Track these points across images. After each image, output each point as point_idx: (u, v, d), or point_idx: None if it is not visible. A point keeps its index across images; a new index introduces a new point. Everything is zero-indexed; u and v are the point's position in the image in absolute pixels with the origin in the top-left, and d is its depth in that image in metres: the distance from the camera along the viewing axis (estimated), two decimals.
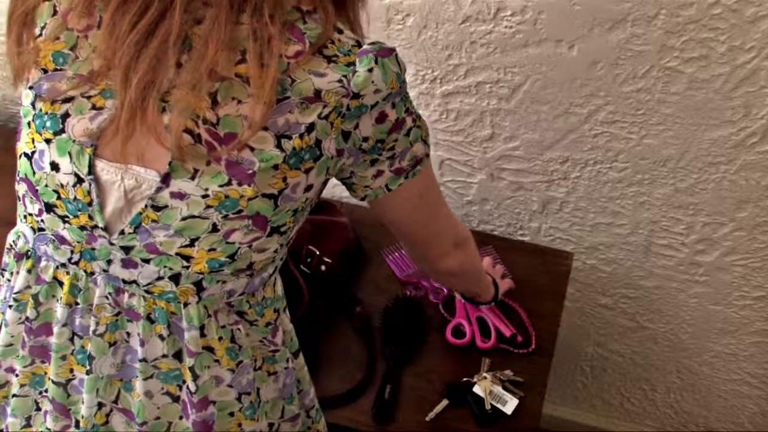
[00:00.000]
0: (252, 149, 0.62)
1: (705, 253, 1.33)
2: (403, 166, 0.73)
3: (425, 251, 0.88)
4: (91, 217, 0.67)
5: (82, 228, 0.68)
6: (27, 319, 0.76)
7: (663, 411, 1.67)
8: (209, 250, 0.66)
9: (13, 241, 0.77)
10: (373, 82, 0.63)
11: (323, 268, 1.18)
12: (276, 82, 0.60)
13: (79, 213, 0.67)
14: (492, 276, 1.15)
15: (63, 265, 0.72)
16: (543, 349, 1.13)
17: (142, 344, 0.72)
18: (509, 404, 1.03)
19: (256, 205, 0.64)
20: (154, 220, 0.65)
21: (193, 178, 0.63)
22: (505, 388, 1.06)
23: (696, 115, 1.14)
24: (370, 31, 0.76)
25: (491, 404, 1.03)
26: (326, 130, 0.64)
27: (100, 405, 0.76)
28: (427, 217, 0.82)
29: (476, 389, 1.05)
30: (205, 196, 0.63)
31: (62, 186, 0.67)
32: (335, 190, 1.52)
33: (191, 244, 0.66)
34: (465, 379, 1.08)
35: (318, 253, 1.18)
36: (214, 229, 0.65)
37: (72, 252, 0.70)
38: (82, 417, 0.76)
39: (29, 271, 0.74)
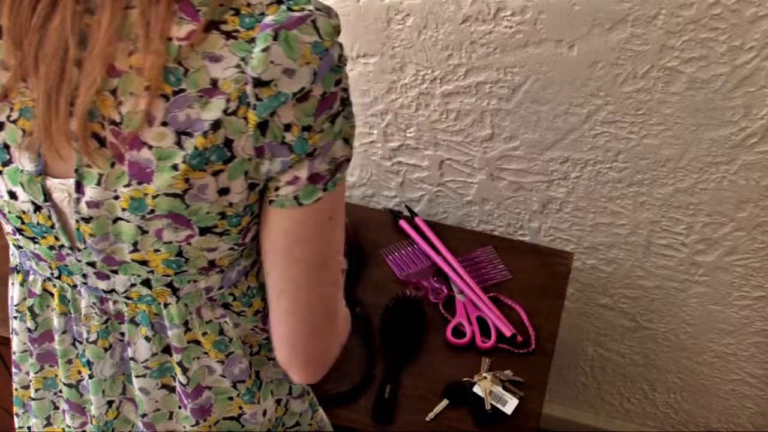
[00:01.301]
0: (150, 147, 0.57)
1: (705, 253, 1.33)
2: (321, 171, 0.60)
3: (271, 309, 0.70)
4: (56, 238, 0.65)
5: (51, 248, 0.67)
6: (29, 329, 0.77)
7: (663, 411, 1.67)
8: (156, 251, 0.63)
9: (11, 254, 0.78)
10: (272, 62, 0.54)
11: None
12: (161, 70, 0.54)
13: (45, 235, 0.66)
14: None
15: (48, 278, 0.72)
16: (543, 349, 1.13)
17: (130, 345, 0.73)
18: (509, 404, 1.03)
19: (164, 204, 0.59)
20: (90, 234, 0.62)
21: (99, 183, 0.59)
22: (505, 388, 1.06)
23: (696, 115, 1.15)
24: (369, 31, 0.75)
25: (491, 404, 1.03)
26: (239, 127, 0.56)
27: (110, 403, 0.77)
28: (319, 263, 0.65)
29: (476, 389, 1.05)
30: (116, 198, 0.59)
31: (24, 212, 0.65)
32: None
33: (136, 248, 0.63)
34: (465, 379, 1.08)
35: None
36: (143, 230, 0.61)
37: (50, 268, 0.70)
38: (94, 417, 0.78)
39: (22, 285, 0.75)
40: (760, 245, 1.28)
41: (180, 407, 0.77)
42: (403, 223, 1.35)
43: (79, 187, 0.60)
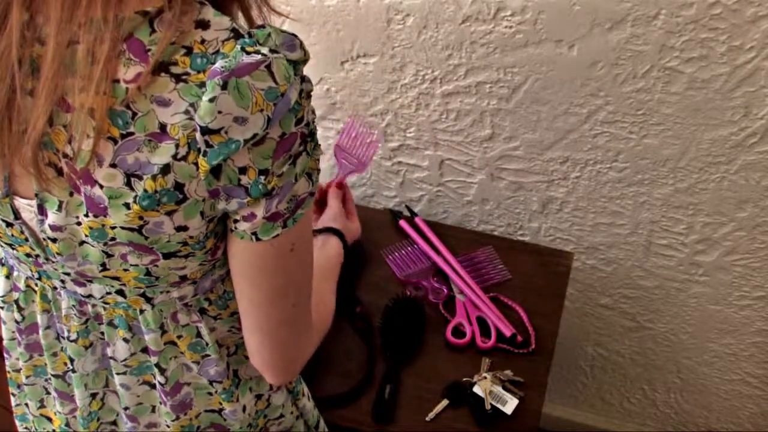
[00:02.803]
0: (101, 186, 0.56)
1: (705, 253, 1.33)
2: (280, 210, 0.58)
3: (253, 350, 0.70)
4: (32, 248, 0.66)
5: (28, 255, 0.67)
6: (16, 320, 0.78)
7: (663, 411, 1.67)
8: (125, 270, 0.62)
9: None
10: (220, 112, 0.51)
11: None
12: (107, 112, 0.52)
13: (21, 245, 0.66)
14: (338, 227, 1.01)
15: (30, 277, 0.73)
16: (543, 349, 1.13)
17: (109, 345, 0.74)
18: (509, 404, 1.03)
19: (123, 234, 0.58)
20: (58, 253, 0.62)
21: (59, 209, 0.58)
22: (505, 388, 1.06)
23: (696, 115, 1.14)
24: (369, 31, 0.75)
25: (491, 404, 1.03)
26: (189, 172, 0.54)
27: (93, 395, 0.79)
28: (281, 294, 0.65)
29: (476, 389, 1.05)
30: (78, 224, 0.59)
31: None
32: None
33: (104, 268, 0.62)
34: (465, 379, 1.08)
35: None
36: (108, 254, 0.60)
37: (31, 270, 0.71)
38: (78, 407, 0.79)
39: (7, 278, 0.76)
40: (760, 245, 1.28)
41: (161, 403, 0.78)
42: (403, 223, 1.35)
43: (41, 210, 0.60)
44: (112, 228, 0.58)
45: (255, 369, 0.78)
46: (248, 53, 0.52)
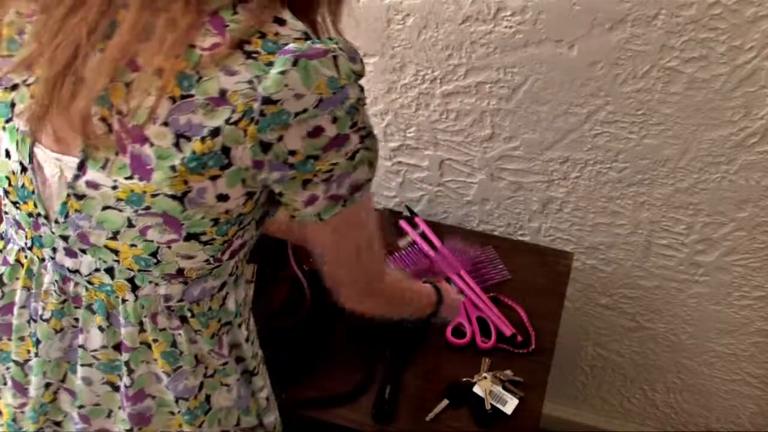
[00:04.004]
0: (151, 144, 0.59)
1: (705, 253, 1.33)
2: (340, 193, 0.64)
3: (333, 285, 0.78)
4: (35, 205, 0.68)
5: (29, 215, 0.69)
6: None
7: (663, 411, 1.67)
8: (131, 246, 0.65)
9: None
10: (287, 86, 0.56)
11: None
12: (176, 74, 0.56)
13: (27, 200, 0.68)
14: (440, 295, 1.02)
15: (22, 249, 0.74)
16: (543, 349, 1.13)
17: (82, 331, 0.73)
18: (509, 404, 1.03)
19: (161, 203, 0.61)
20: (77, 210, 0.64)
21: (104, 167, 0.61)
22: (505, 388, 1.06)
23: (696, 115, 1.14)
24: (369, 31, 0.75)
25: (491, 404, 1.03)
26: (236, 137, 0.58)
27: (47, 385, 0.78)
28: (350, 254, 0.73)
29: (476, 389, 1.05)
30: (114, 188, 0.61)
31: (12, 173, 0.68)
32: None
33: (114, 237, 0.64)
34: (465, 379, 1.08)
35: None
36: (130, 223, 0.63)
37: (26, 237, 0.72)
38: (31, 398, 0.78)
39: (0, 251, 0.77)
40: (760, 245, 1.28)
41: (120, 408, 0.77)
42: (403, 224, 1.35)
43: (81, 166, 0.62)
44: (153, 195, 0.60)
45: (228, 398, 0.79)
46: (317, 44, 0.58)
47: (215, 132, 0.58)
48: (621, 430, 1.74)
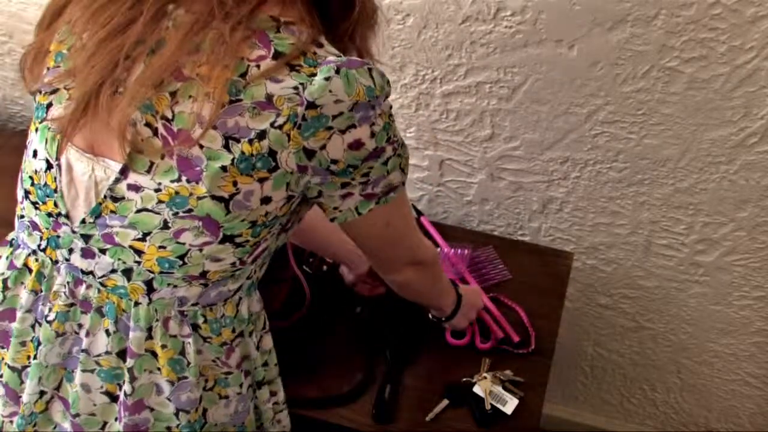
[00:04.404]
0: (201, 147, 0.62)
1: (705, 253, 1.33)
2: (375, 192, 0.70)
3: (378, 265, 0.87)
4: (56, 204, 0.69)
5: (49, 215, 0.70)
6: None
7: (663, 411, 1.67)
8: (159, 247, 0.66)
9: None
10: (330, 91, 0.61)
11: (325, 268, 1.19)
12: (228, 82, 0.60)
13: (47, 199, 0.70)
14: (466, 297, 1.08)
15: (33, 252, 0.74)
16: (543, 349, 1.13)
17: (87, 335, 0.73)
18: (509, 404, 1.03)
19: (206, 206, 0.64)
20: (112, 211, 0.66)
21: (149, 171, 0.64)
22: (505, 388, 1.06)
23: (696, 115, 1.15)
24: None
25: (491, 404, 1.03)
26: (281, 141, 0.62)
27: (41, 393, 0.77)
28: (389, 242, 0.80)
29: (476, 389, 1.05)
30: (157, 191, 0.64)
31: (36, 172, 0.70)
32: None
33: (143, 238, 0.66)
34: (465, 379, 1.08)
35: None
36: (165, 225, 0.65)
37: (41, 238, 0.72)
38: (24, 404, 0.77)
39: (7, 258, 0.78)
40: (760, 245, 1.28)
41: (116, 419, 0.76)
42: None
43: (124, 171, 0.65)
44: (199, 198, 0.63)
45: (225, 414, 0.79)
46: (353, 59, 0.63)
47: (262, 135, 0.61)
48: (621, 430, 1.74)
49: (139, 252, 0.67)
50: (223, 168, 0.62)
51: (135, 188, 0.65)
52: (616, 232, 1.37)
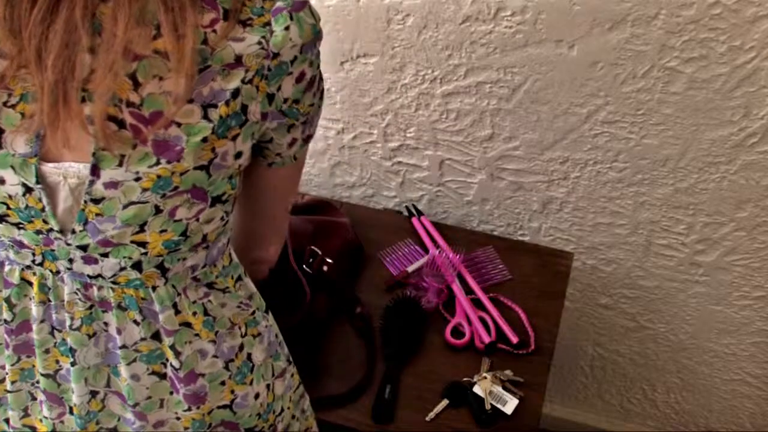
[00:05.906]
0: (179, 125, 0.61)
1: (705, 253, 1.33)
2: (311, 132, 0.74)
3: (262, 232, 0.88)
4: (45, 221, 0.66)
5: (38, 232, 0.67)
6: (5, 321, 0.76)
7: (663, 411, 1.67)
8: (161, 232, 0.65)
9: None
10: (290, 39, 0.63)
11: (325, 268, 1.18)
12: (195, 53, 0.58)
13: (33, 219, 0.66)
14: None
15: (28, 266, 0.72)
16: (543, 349, 1.13)
17: (119, 332, 0.73)
18: (509, 404, 1.04)
19: (190, 178, 0.63)
20: (98, 214, 0.64)
21: (120, 164, 0.61)
22: (505, 388, 1.06)
23: (696, 115, 1.15)
24: (369, 31, 0.76)
25: (491, 404, 1.03)
26: (252, 94, 0.63)
27: (93, 393, 0.77)
28: (292, 192, 0.84)
29: (476, 389, 1.05)
30: (137, 179, 0.61)
31: (10, 197, 0.65)
32: (335, 190, 1.52)
33: (141, 230, 0.65)
34: (465, 379, 1.08)
35: (320, 253, 1.18)
36: (158, 210, 0.64)
37: (33, 254, 0.70)
38: (75, 405, 0.77)
39: None
40: (760, 245, 1.28)
41: (172, 392, 0.77)
42: (415, 221, 1.35)
43: (95, 170, 0.62)
44: (182, 174, 0.62)
45: (263, 349, 0.82)
46: None
47: (236, 93, 0.62)
48: (621, 430, 1.74)
49: (142, 244, 0.66)
50: (204, 140, 0.62)
51: (113, 185, 0.62)
52: (616, 232, 1.37)
